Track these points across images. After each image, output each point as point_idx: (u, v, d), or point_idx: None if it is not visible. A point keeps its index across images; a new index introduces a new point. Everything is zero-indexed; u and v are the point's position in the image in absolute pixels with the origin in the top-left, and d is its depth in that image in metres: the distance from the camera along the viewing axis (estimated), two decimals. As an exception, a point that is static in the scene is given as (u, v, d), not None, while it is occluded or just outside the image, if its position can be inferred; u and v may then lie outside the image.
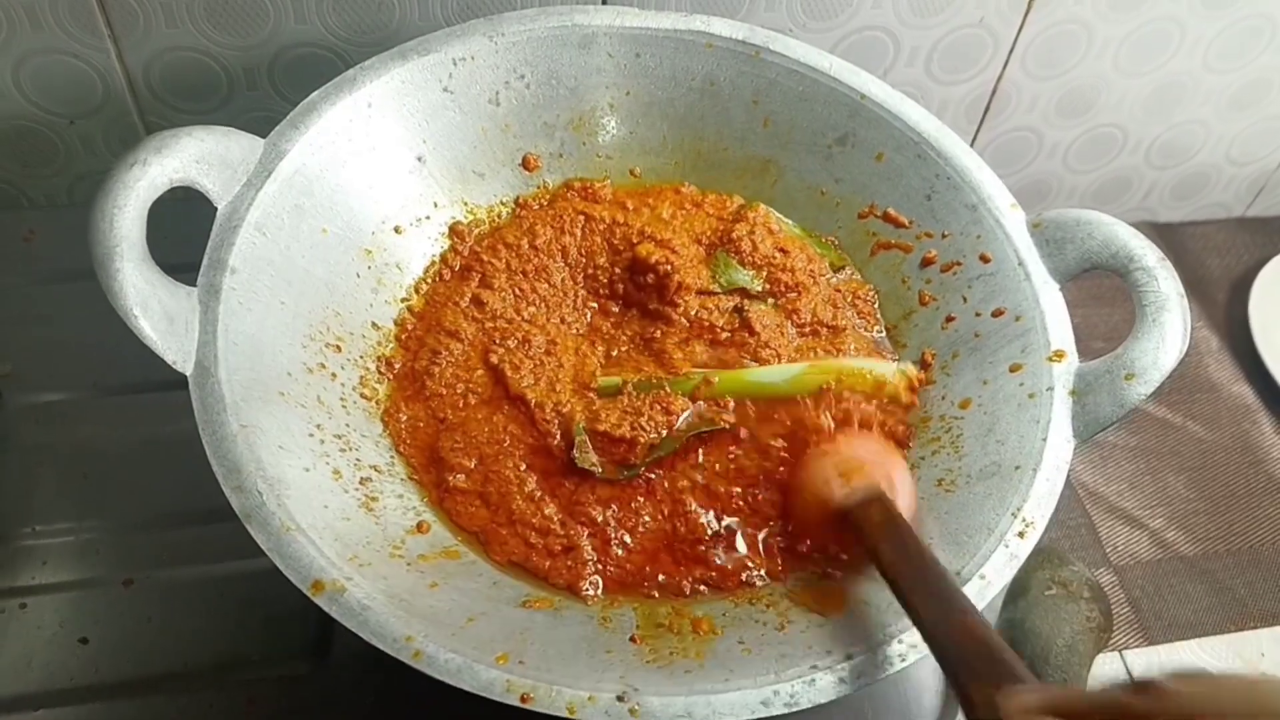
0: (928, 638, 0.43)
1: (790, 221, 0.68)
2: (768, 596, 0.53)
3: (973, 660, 0.40)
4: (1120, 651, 0.74)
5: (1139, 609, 0.76)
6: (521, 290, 0.63)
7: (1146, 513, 0.81)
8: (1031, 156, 0.92)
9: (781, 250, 0.65)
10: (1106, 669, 0.73)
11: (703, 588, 0.54)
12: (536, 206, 0.67)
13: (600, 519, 0.55)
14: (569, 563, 0.54)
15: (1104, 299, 0.93)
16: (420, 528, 0.54)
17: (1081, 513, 0.80)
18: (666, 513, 0.56)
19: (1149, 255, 0.55)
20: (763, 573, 0.54)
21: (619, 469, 0.57)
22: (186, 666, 0.57)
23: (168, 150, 0.51)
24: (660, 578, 0.54)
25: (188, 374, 0.50)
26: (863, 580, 0.52)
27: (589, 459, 0.56)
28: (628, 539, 0.55)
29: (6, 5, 0.65)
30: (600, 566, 0.54)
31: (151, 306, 0.48)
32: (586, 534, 0.55)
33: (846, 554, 0.54)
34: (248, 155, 0.56)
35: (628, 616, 0.52)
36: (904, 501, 0.51)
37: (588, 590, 0.53)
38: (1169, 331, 0.53)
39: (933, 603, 0.44)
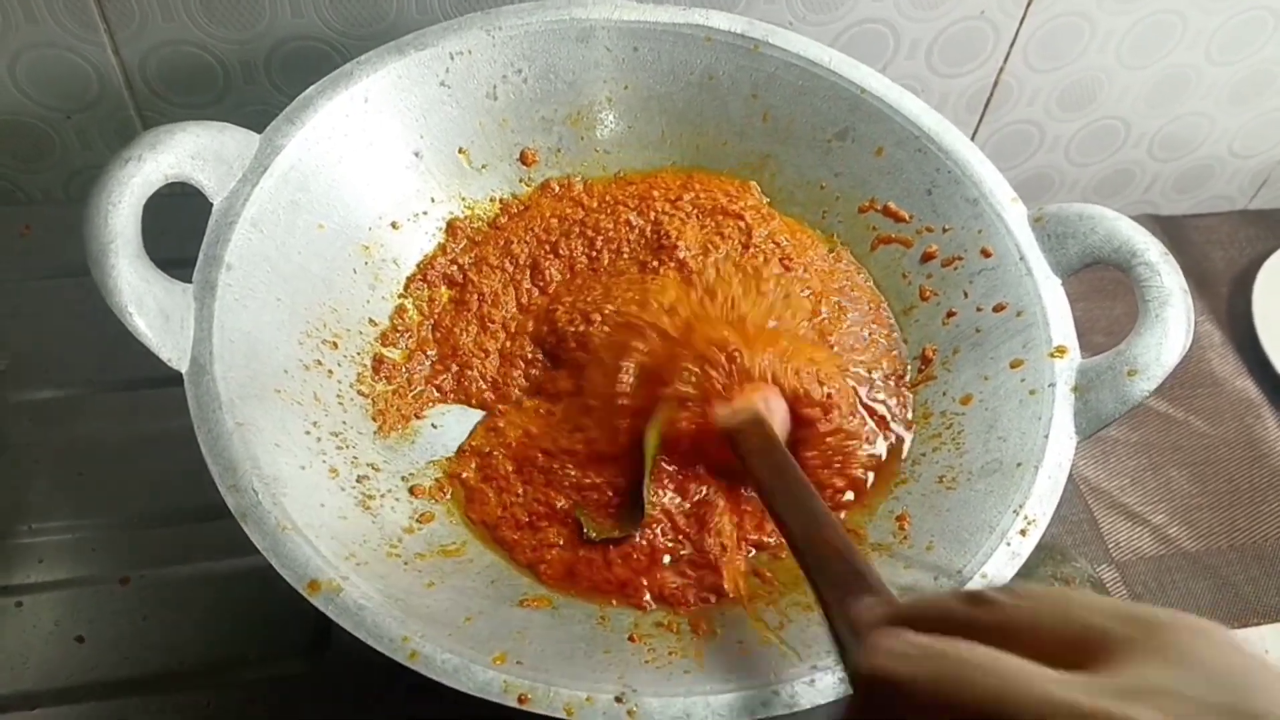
0: (792, 547, 0.45)
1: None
2: (766, 595, 0.53)
3: (831, 569, 0.41)
4: (1122, 648, 0.74)
5: (1141, 605, 0.76)
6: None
7: (1149, 508, 0.80)
8: (1033, 150, 0.91)
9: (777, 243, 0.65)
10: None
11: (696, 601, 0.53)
12: (515, 211, 0.67)
13: (561, 508, 0.55)
14: (534, 541, 0.54)
15: (1105, 292, 0.93)
16: (423, 518, 0.54)
17: (1083, 508, 0.80)
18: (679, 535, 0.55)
19: (1151, 250, 0.55)
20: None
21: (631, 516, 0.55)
22: (183, 665, 0.57)
23: (162, 146, 0.50)
24: (648, 596, 0.53)
25: (183, 371, 0.49)
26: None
27: (601, 528, 0.54)
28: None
29: (1, -1, 0.64)
30: (566, 556, 0.53)
31: (146, 303, 0.48)
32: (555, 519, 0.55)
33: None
34: (243, 150, 0.55)
35: (626, 614, 0.52)
36: (778, 422, 0.54)
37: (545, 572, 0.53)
38: (1172, 327, 0.53)
39: (799, 516, 0.46)
